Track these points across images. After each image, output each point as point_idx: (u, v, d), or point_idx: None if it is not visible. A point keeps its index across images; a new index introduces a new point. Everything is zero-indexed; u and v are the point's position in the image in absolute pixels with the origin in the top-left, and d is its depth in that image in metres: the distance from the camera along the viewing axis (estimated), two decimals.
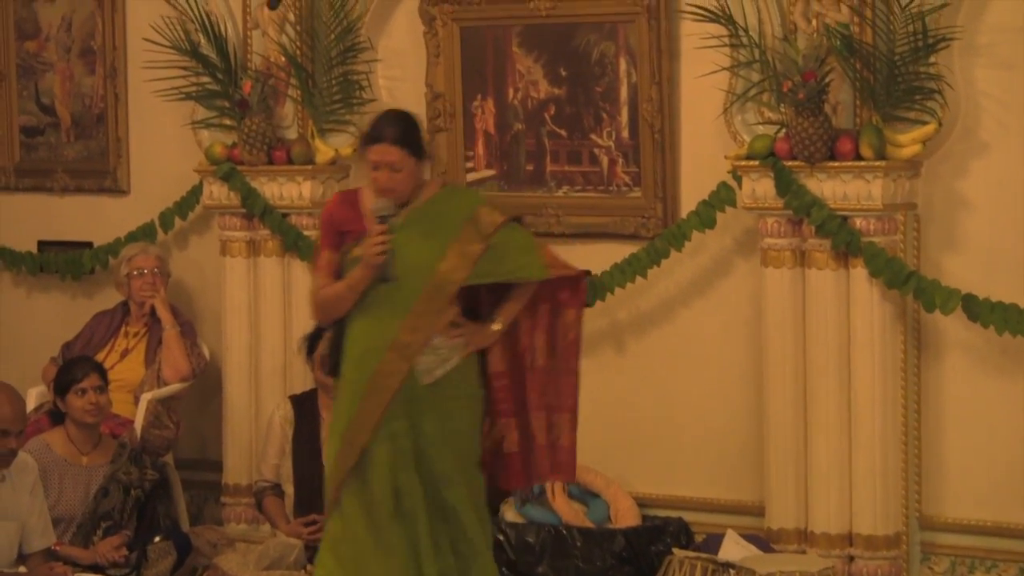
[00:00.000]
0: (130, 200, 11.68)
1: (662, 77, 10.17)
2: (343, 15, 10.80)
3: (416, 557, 8.24)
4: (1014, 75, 9.44)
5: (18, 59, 12.10)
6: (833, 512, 9.66)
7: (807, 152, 9.56)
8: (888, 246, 9.52)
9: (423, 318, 8.24)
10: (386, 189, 8.14)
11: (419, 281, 8.20)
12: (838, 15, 9.56)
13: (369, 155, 8.20)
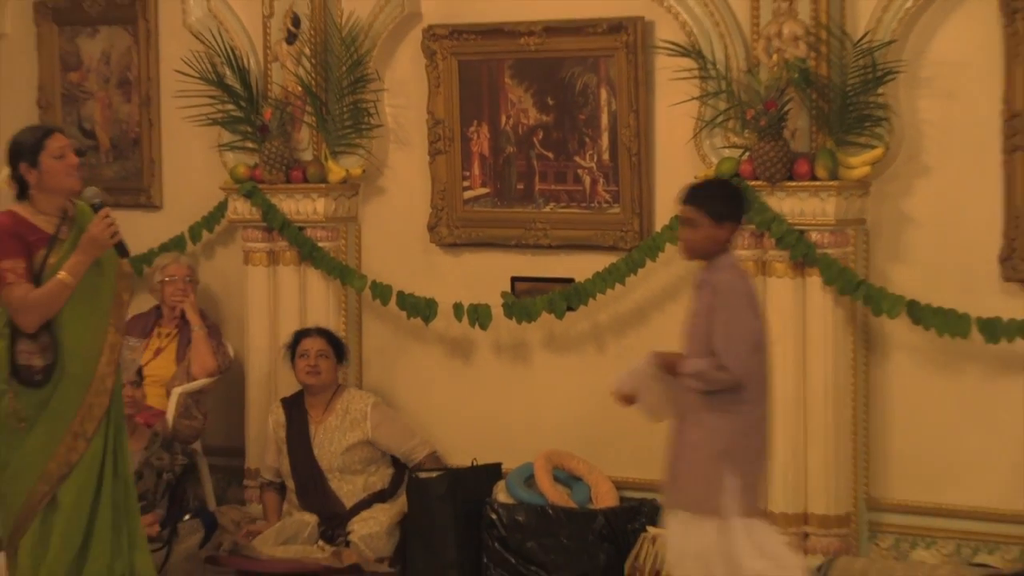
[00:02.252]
0: (162, 215, 11.66)
1: (639, 106, 10.15)
2: (353, 49, 10.79)
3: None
4: (953, 104, 9.43)
5: (63, 89, 12.07)
6: (790, 494, 9.65)
7: (768, 173, 9.55)
8: (840, 257, 9.52)
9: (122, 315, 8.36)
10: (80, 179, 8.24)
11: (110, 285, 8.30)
12: (796, 51, 9.55)
13: (54, 143, 8.19)
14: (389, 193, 11.02)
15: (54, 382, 8.14)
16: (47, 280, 8.08)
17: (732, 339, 7.94)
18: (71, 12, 11.99)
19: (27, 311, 8.10)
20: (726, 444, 7.98)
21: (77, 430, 8.17)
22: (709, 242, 8.17)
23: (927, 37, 9.47)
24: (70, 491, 8.17)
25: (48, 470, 8.16)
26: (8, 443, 8.25)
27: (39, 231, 8.19)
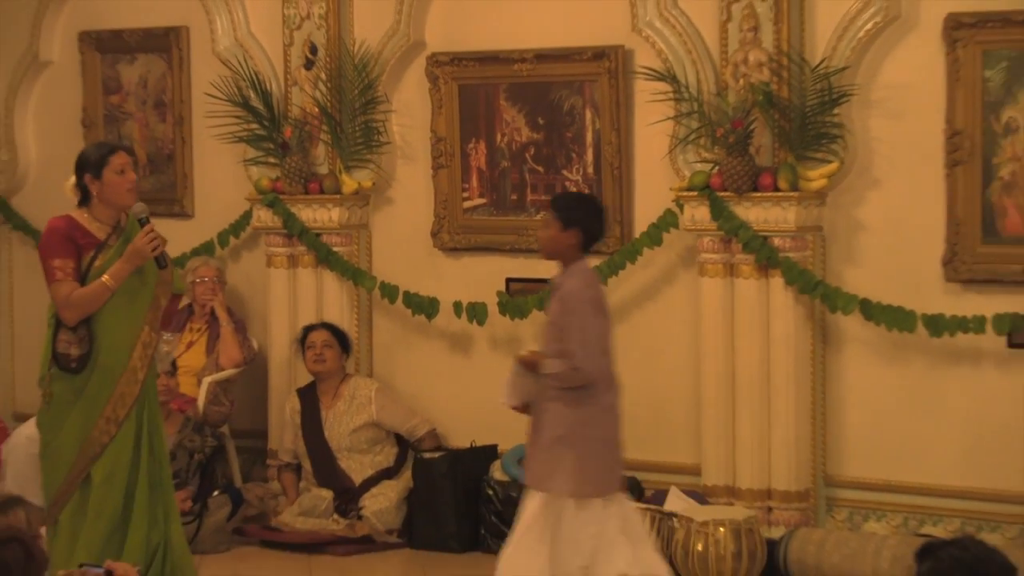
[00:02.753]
0: (194, 223, 11.65)
1: (620, 125, 10.16)
2: (364, 74, 10.79)
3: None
4: (901, 124, 9.44)
5: (104, 110, 12.06)
6: (755, 472, 9.66)
7: (735, 185, 9.57)
8: (800, 260, 9.52)
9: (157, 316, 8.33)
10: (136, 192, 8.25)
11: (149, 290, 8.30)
12: (761, 75, 9.56)
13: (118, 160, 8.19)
14: (396, 203, 11.03)
15: (88, 370, 8.14)
16: (91, 280, 8.11)
17: (585, 343, 7.95)
18: (112, 41, 11.98)
19: (71, 307, 8.11)
20: (566, 431, 8.01)
21: (109, 415, 8.18)
22: (554, 243, 8.19)
23: (877, 63, 9.49)
24: (102, 469, 8.17)
25: (83, 450, 8.17)
26: (49, 426, 8.29)
27: (90, 236, 8.20)
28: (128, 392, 8.17)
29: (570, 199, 8.68)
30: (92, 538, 8.11)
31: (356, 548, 10.16)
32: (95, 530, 8.17)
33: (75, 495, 8.21)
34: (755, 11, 9.58)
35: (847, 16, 9.45)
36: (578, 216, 8.14)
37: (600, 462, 8.09)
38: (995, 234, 9.22)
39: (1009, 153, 9.17)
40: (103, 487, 8.18)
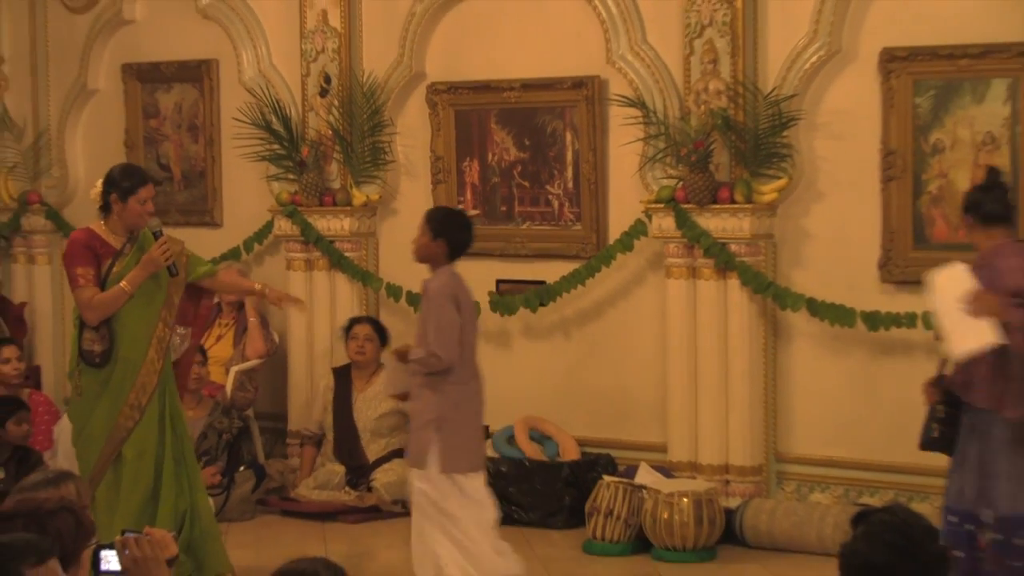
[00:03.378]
0: (222, 231, 11.64)
1: (596, 145, 10.17)
2: (372, 101, 10.80)
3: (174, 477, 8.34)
4: (842, 144, 9.46)
5: (144, 132, 12.05)
6: (715, 449, 9.67)
7: (697, 198, 9.58)
8: (754, 264, 9.54)
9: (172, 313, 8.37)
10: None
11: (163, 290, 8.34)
12: (719, 102, 9.58)
13: (145, 192, 8.25)
14: (400, 214, 11.01)
15: (111, 364, 8.20)
16: (110, 285, 8.17)
17: (442, 333, 8.08)
18: (151, 72, 11.98)
19: (92, 309, 8.18)
20: (436, 414, 8.11)
21: (132, 402, 8.22)
22: (424, 250, 8.40)
23: (821, 91, 9.50)
24: (133, 449, 8.22)
25: (111, 435, 8.21)
26: (79, 415, 8.37)
27: (108, 246, 8.25)
28: (148, 381, 8.22)
29: (442, 213, 8.80)
30: (129, 508, 8.14)
31: (365, 517, 10.16)
32: (131, 501, 8.19)
33: (108, 473, 8.24)
34: (714, 46, 9.60)
35: (795, 50, 9.47)
36: (447, 229, 8.36)
37: (465, 442, 8.22)
38: (925, 241, 9.25)
39: (937, 170, 9.19)
40: (136, 464, 8.22)
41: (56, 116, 12.38)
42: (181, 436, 8.44)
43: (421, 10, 10.72)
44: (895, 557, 4.13)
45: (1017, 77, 8.91)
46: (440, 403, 8.12)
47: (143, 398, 8.23)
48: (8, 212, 12.34)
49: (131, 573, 4.66)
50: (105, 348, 8.20)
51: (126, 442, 8.23)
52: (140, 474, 8.25)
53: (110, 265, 8.21)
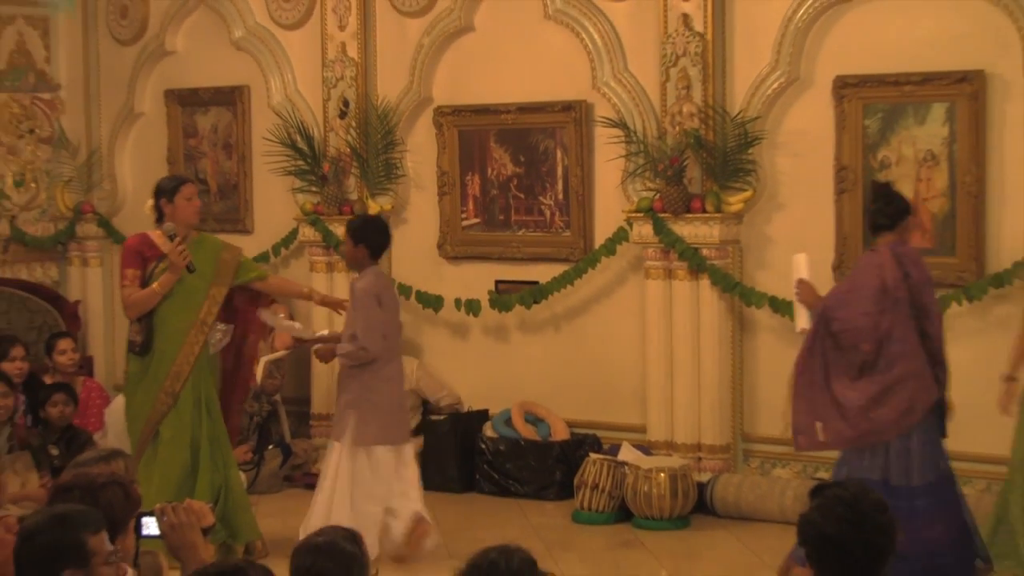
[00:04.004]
0: (253, 237, 11.60)
1: (583, 161, 10.16)
2: (385, 123, 10.78)
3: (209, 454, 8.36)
4: (800, 161, 9.46)
5: (184, 150, 12.04)
6: (689, 430, 9.66)
7: (673, 207, 9.57)
8: (722, 266, 9.53)
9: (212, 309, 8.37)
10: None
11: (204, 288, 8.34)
12: (692, 123, 9.57)
13: (187, 189, 8.34)
14: (410, 222, 10.99)
15: (150, 354, 8.24)
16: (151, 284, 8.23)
17: (370, 330, 8.29)
18: (190, 97, 11.97)
19: (129, 307, 8.31)
20: (354, 396, 8.34)
21: (167, 389, 8.25)
22: (350, 256, 8.51)
23: (782, 114, 9.49)
24: (167, 429, 8.26)
25: (149, 417, 8.26)
26: (129, 394, 8.49)
27: (156, 249, 8.26)
28: (182, 371, 8.25)
29: (357, 222, 8.83)
30: (165, 484, 8.14)
31: None
32: (168, 478, 8.20)
33: (148, 449, 8.26)
34: (688, 74, 9.58)
35: (759, 77, 9.47)
36: (363, 235, 8.46)
37: (378, 419, 8.38)
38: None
39: None
40: (170, 444, 8.26)
41: (107, 136, 12.37)
42: (216, 419, 8.44)
43: (428, 42, 10.71)
44: (845, 528, 4.14)
45: (954, 102, 8.90)
46: (359, 387, 8.35)
47: (176, 385, 8.25)
48: (64, 221, 12.33)
49: (169, 537, 4.67)
50: (144, 339, 8.25)
51: (162, 423, 8.24)
52: (175, 452, 8.25)
53: (155, 266, 8.24)
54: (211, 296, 8.36)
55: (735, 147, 9.43)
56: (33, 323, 11.56)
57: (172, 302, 8.24)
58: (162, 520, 4.65)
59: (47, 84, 12.30)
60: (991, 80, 8.81)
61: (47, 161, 12.32)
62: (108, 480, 4.89)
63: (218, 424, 8.46)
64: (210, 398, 8.41)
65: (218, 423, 8.45)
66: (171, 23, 11.97)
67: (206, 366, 8.42)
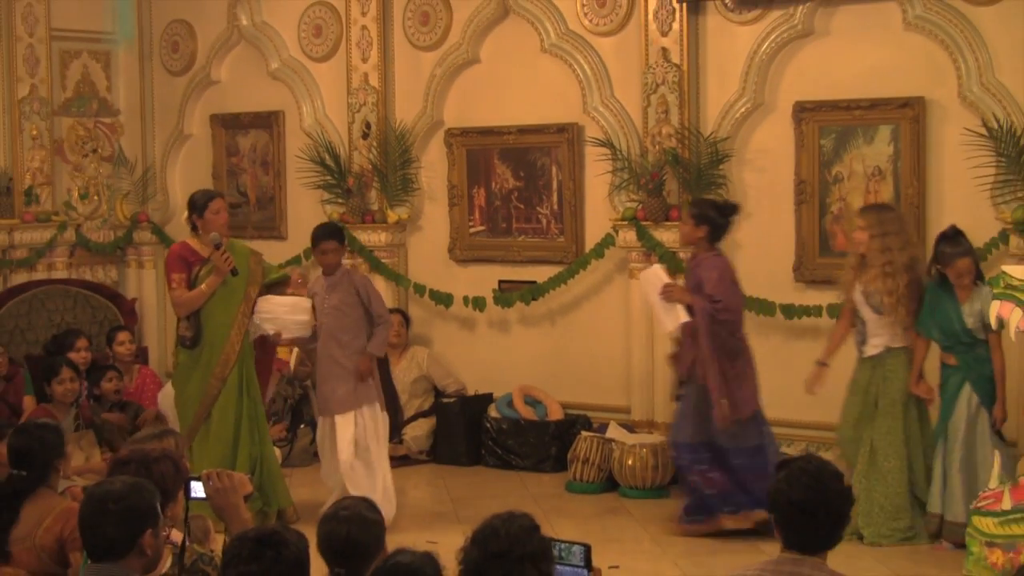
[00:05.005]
0: (287, 243, 11.57)
1: (575, 176, 10.12)
2: (402, 143, 10.76)
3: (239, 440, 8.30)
4: (764, 176, 9.43)
5: (227, 167, 12.01)
6: (668, 411, 9.53)
7: (654, 216, 9.54)
8: None
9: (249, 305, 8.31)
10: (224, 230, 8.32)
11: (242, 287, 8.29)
12: (670, 143, 9.54)
13: (215, 204, 8.25)
14: (424, 229, 10.96)
15: (200, 346, 8.21)
16: (197, 285, 8.18)
17: (383, 305, 8.63)
18: (232, 120, 11.93)
19: (180, 306, 8.26)
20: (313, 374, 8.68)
21: (217, 374, 8.23)
22: (336, 258, 8.53)
23: (748, 134, 9.47)
24: (217, 410, 8.24)
25: (203, 399, 8.22)
26: (180, 382, 8.42)
27: (197, 255, 8.23)
28: (229, 359, 8.24)
29: (332, 227, 8.89)
30: (215, 455, 8.13)
31: (397, 463, 10.02)
32: (216, 450, 8.18)
33: (201, 428, 8.21)
34: (666, 100, 9.55)
35: (728, 102, 9.44)
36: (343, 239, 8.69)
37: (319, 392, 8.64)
38: (828, 250, 9.21)
39: (837, 195, 9.15)
40: (220, 422, 8.22)
41: (160, 155, 12.34)
42: (255, 399, 8.42)
43: (440, 73, 10.69)
44: (810, 495, 4.16)
45: (898, 124, 8.87)
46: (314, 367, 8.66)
47: (225, 371, 8.23)
48: (123, 228, 12.29)
49: (214, 500, 4.67)
50: (194, 334, 8.20)
51: (214, 405, 8.21)
52: (222, 429, 8.24)
53: (198, 271, 8.20)
54: (248, 294, 8.34)
55: (708, 163, 9.38)
56: (96, 318, 11.55)
57: (216, 300, 8.21)
58: (208, 484, 4.65)
59: (108, 110, 12.28)
60: (930, 105, 8.79)
61: (108, 177, 12.28)
62: (161, 455, 4.91)
63: (257, 404, 8.43)
64: (251, 381, 8.39)
65: (257, 403, 8.43)
66: (216, 56, 11.95)
67: (248, 353, 8.39)
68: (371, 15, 10.89)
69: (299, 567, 4.02)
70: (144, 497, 4.29)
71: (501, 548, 3.75)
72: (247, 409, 8.32)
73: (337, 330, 8.44)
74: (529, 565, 3.76)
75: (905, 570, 7.56)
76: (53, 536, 5.52)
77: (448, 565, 4.11)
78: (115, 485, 4.32)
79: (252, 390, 8.38)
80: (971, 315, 7.80)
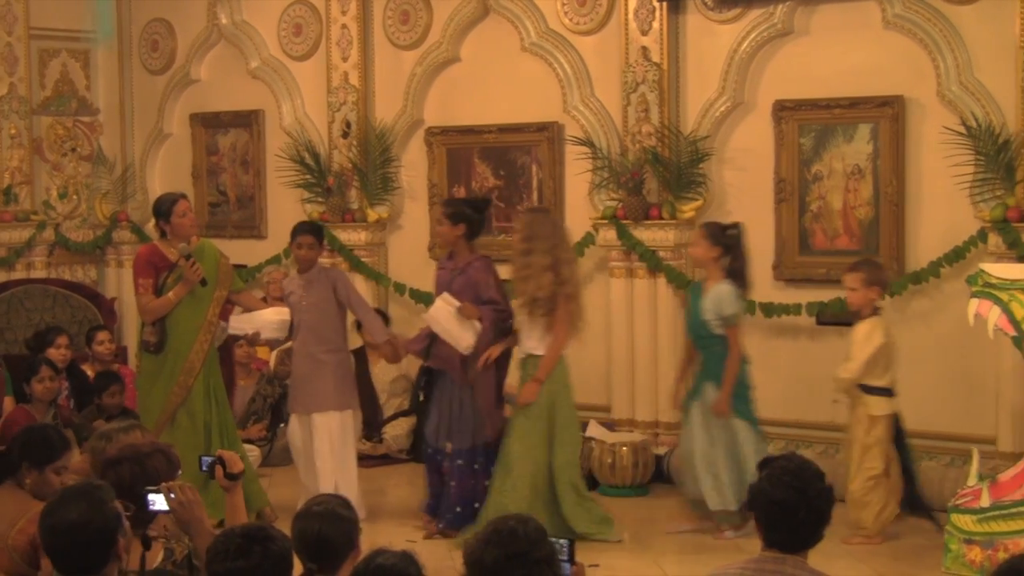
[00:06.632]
0: (267, 242, 11.53)
1: (555, 175, 10.09)
2: (383, 141, 10.72)
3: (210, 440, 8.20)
4: (744, 174, 9.40)
5: (207, 166, 11.96)
6: (647, 409, 9.60)
7: (634, 215, 9.51)
8: (677, 266, 9.47)
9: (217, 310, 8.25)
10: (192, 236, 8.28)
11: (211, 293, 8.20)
12: (650, 142, 9.51)
13: (180, 207, 8.19)
14: (405, 228, 10.92)
15: (164, 352, 8.13)
16: (165, 292, 8.09)
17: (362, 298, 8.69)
18: (212, 119, 11.88)
19: (146, 313, 8.16)
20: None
21: (181, 382, 8.15)
22: (315, 256, 8.54)
23: (728, 133, 9.45)
24: (182, 416, 8.17)
25: (164, 407, 8.15)
26: (143, 388, 8.35)
27: (166, 259, 8.16)
28: (193, 367, 8.14)
29: (311, 223, 8.97)
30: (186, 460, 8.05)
31: (377, 462, 10.06)
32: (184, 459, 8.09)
33: (165, 433, 8.16)
34: (646, 99, 9.52)
35: (708, 101, 9.41)
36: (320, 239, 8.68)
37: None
38: (808, 248, 9.19)
39: (816, 194, 9.13)
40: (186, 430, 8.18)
41: (139, 154, 12.30)
42: (223, 406, 8.39)
43: (420, 72, 10.65)
44: (791, 494, 4.14)
45: (877, 123, 8.85)
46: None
47: (190, 379, 8.16)
48: (102, 228, 12.24)
49: (178, 513, 4.65)
50: (159, 339, 8.13)
51: (178, 411, 8.15)
52: (190, 437, 8.17)
53: (166, 275, 8.12)
54: (216, 299, 8.26)
55: (688, 162, 9.36)
56: (75, 317, 11.48)
57: (183, 307, 8.14)
58: (170, 498, 4.61)
59: (87, 109, 12.22)
60: (909, 104, 8.78)
61: (87, 176, 12.24)
62: (152, 450, 4.90)
63: (225, 410, 8.39)
64: (217, 387, 8.32)
65: (224, 409, 8.38)
66: (196, 55, 11.90)
67: (215, 360, 8.32)
68: (351, 14, 10.84)
69: (285, 563, 4.00)
70: (105, 513, 4.07)
71: (521, 549, 3.73)
72: (215, 415, 8.25)
73: (317, 327, 8.40)
74: (545, 567, 3.75)
75: (886, 568, 7.54)
76: (26, 538, 5.46)
77: (428, 564, 4.07)
78: (71, 514, 4.04)
79: (219, 396, 8.32)
80: (708, 310, 7.95)
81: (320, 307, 8.40)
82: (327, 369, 8.37)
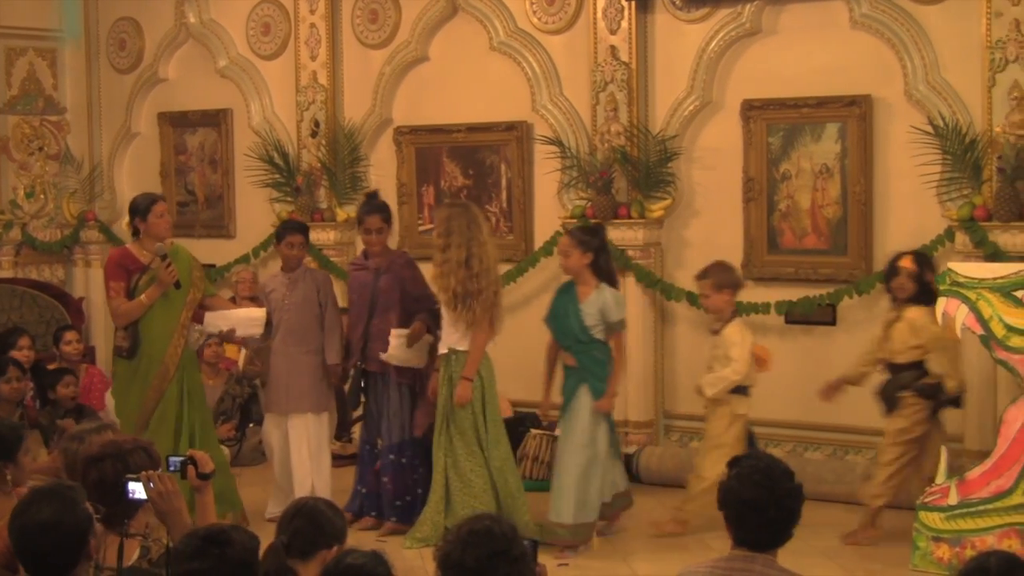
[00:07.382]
0: (236, 242, 11.50)
1: (524, 174, 10.07)
2: (351, 141, 10.68)
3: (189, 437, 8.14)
4: (712, 173, 9.41)
5: (175, 165, 11.90)
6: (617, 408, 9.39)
7: (603, 215, 9.49)
8: (646, 265, 9.47)
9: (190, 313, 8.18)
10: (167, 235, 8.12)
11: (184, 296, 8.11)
12: (619, 141, 9.50)
13: (158, 207, 8.07)
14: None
15: (137, 357, 8.03)
16: (138, 294, 7.98)
17: (337, 309, 8.66)
18: (180, 118, 11.82)
19: (119, 317, 8.02)
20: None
21: (155, 386, 8.04)
22: (301, 256, 8.60)
23: (697, 132, 9.45)
24: (155, 420, 8.04)
25: (140, 411, 8.06)
26: (119, 393, 8.25)
27: (138, 262, 8.03)
28: (168, 370, 8.05)
29: (299, 222, 8.94)
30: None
31: (346, 462, 9.99)
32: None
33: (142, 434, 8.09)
34: (615, 98, 9.51)
35: (676, 100, 9.41)
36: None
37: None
38: (776, 247, 9.19)
39: (785, 193, 9.14)
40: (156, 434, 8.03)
41: (107, 153, 12.23)
42: (200, 407, 8.27)
43: (389, 71, 10.62)
44: (761, 492, 4.13)
45: (845, 122, 8.87)
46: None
47: (164, 383, 8.07)
48: (70, 227, 12.17)
49: (156, 503, 4.63)
50: (131, 344, 8.03)
51: (152, 415, 8.08)
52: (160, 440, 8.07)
53: (139, 277, 8.02)
54: (188, 303, 8.17)
55: (656, 161, 9.35)
56: (43, 317, 11.41)
57: (156, 310, 8.02)
58: (149, 487, 4.58)
59: (54, 108, 12.15)
60: (877, 103, 8.79)
61: (55, 175, 12.17)
62: (134, 446, 4.86)
63: (202, 411, 8.29)
64: (193, 389, 8.22)
65: (201, 410, 8.28)
66: (164, 54, 11.84)
67: (190, 362, 8.24)
68: (319, 13, 10.80)
69: (244, 568, 3.92)
70: (76, 514, 4.08)
71: (501, 547, 3.71)
72: (191, 419, 8.15)
73: (299, 327, 8.37)
74: (523, 564, 3.73)
75: (855, 565, 7.55)
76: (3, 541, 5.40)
77: (397, 564, 4.04)
78: (42, 514, 4.06)
79: (195, 399, 8.22)
80: (590, 315, 7.84)
81: (302, 307, 8.36)
82: (305, 370, 8.34)
